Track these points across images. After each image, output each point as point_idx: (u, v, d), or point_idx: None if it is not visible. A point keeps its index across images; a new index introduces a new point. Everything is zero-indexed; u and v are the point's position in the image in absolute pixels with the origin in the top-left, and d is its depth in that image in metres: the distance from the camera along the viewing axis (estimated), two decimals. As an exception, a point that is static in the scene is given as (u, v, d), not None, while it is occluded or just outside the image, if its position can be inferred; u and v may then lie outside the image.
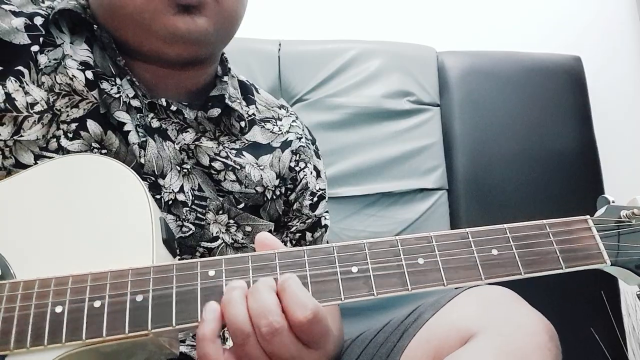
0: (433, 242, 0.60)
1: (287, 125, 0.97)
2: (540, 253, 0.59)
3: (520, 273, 0.58)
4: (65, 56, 0.76)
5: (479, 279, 0.58)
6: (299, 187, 0.95)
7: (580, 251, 0.60)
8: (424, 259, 0.58)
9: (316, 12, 1.77)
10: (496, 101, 1.59)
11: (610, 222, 0.62)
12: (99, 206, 0.64)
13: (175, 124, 0.82)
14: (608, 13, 1.92)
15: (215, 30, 0.78)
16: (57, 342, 0.54)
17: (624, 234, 0.61)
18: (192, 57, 0.81)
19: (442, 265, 0.58)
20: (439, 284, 0.57)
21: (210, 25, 0.77)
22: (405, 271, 0.58)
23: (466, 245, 0.60)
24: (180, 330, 0.55)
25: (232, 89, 0.90)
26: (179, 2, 0.74)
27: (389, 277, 0.58)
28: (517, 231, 0.61)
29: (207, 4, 0.76)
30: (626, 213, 0.61)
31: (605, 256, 0.60)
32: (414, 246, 0.59)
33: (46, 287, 0.56)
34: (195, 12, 0.75)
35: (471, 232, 0.60)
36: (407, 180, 1.47)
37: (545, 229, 0.61)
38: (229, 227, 0.85)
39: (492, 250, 0.59)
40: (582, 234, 0.61)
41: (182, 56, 0.79)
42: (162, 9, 0.73)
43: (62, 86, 0.75)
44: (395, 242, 0.60)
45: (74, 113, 0.75)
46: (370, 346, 0.82)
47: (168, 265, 0.58)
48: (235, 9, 0.81)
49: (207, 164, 0.83)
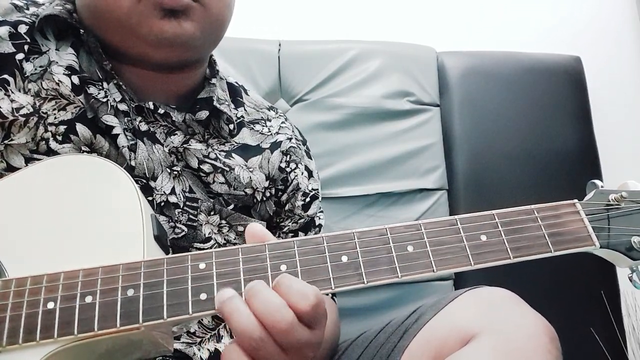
0: (422, 229, 0.60)
1: (277, 127, 0.97)
2: (529, 238, 0.60)
3: (509, 257, 0.58)
4: (51, 62, 0.76)
5: (468, 264, 0.58)
6: (290, 187, 0.95)
7: (569, 234, 0.60)
8: (413, 247, 0.59)
9: (316, 12, 1.77)
10: (496, 101, 1.58)
11: (598, 205, 0.62)
12: (89, 204, 0.64)
13: (164, 127, 0.82)
14: (608, 13, 1.91)
15: (201, 34, 0.79)
16: (49, 338, 0.54)
17: (613, 217, 0.61)
18: (178, 61, 0.81)
19: (431, 252, 0.58)
20: (428, 270, 0.57)
21: (197, 29, 0.77)
22: (394, 259, 0.58)
23: (455, 232, 0.60)
24: (171, 323, 0.56)
25: (221, 91, 0.91)
26: (165, 7, 0.74)
27: (378, 265, 0.58)
28: (505, 216, 0.61)
29: (194, 8, 0.76)
30: (615, 196, 0.61)
31: (594, 239, 0.60)
32: (403, 234, 0.59)
33: (38, 283, 0.57)
34: (181, 16, 0.76)
35: (460, 218, 0.60)
36: (407, 181, 1.46)
37: (533, 214, 0.61)
38: (221, 227, 0.85)
39: (481, 236, 0.59)
40: (571, 218, 0.61)
41: (168, 60, 0.80)
42: (148, 13, 0.74)
43: (48, 91, 0.75)
44: (384, 230, 0.60)
45: (61, 115, 0.75)
46: (370, 346, 0.82)
47: (159, 260, 0.58)
48: (222, 13, 0.82)
49: (196, 166, 0.83)
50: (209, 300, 0.56)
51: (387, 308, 1.34)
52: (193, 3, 0.76)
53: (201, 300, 0.56)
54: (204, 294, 0.56)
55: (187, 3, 0.75)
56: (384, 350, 0.78)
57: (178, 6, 0.75)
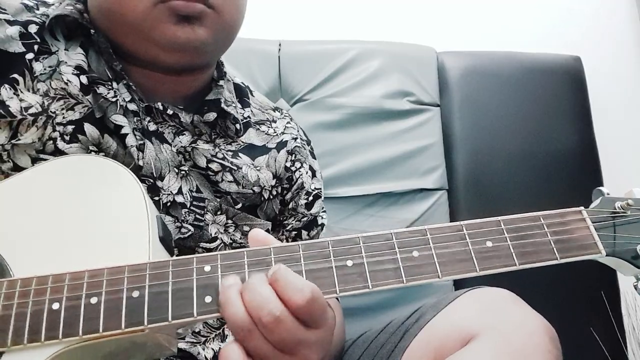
0: (428, 235, 0.60)
1: (282, 127, 0.98)
2: (535, 244, 0.60)
3: (515, 264, 0.58)
4: (60, 63, 0.76)
5: (474, 270, 0.58)
6: (295, 186, 0.96)
7: (575, 242, 0.60)
8: (418, 252, 0.59)
9: (316, 12, 1.77)
10: (496, 101, 1.58)
11: (605, 213, 0.62)
12: (95, 205, 0.64)
13: (172, 127, 0.82)
14: (608, 13, 1.91)
15: (214, 39, 0.78)
16: (54, 338, 0.54)
17: (619, 224, 0.61)
18: (189, 65, 0.81)
19: (436, 258, 0.58)
20: (433, 276, 0.57)
21: (210, 35, 0.77)
22: (400, 264, 0.58)
23: (460, 238, 0.60)
24: (176, 325, 0.55)
25: (228, 92, 0.91)
26: (179, 13, 0.74)
27: (384, 270, 0.58)
28: (511, 223, 0.61)
29: (207, 14, 0.76)
30: (621, 204, 0.61)
31: (600, 246, 0.60)
32: (409, 239, 0.59)
33: (43, 284, 0.56)
34: (195, 22, 0.75)
35: (465, 224, 0.60)
36: (407, 181, 1.47)
37: (539, 221, 0.61)
38: (227, 227, 0.86)
39: (487, 243, 0.59)
40: (577, 225, 0.61)
41: (179, 63, 0.79)
42: (162, 18, 0.74)
43: (57, 91, 0.75)
44: (390, 235, 0.60)
45: (69, 115, 0.75)
46: (371, 347, 0.82)
47: (164, 262, 0.58)
48: (235, 19, 0.82)
49: (204, 165, 0.83)
50: (214, 303, 0.56)
51: (387, 308, 1.34)
52: (207, 9, 0.75)
53: (206, 302, 0.56)
54: (209, 296, 0.56)
55: (202, 9, 0.75)
56: (385, 350, 0.78)
57: (192, 12, 0.74)
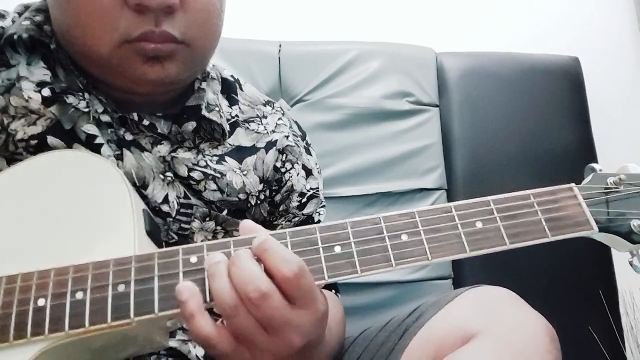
0: (416, 217, 0.59)
1: (273, 124, 0.94)
2: (526, 223, 0.58)
3: (505, 244, 0.57)
4: (21, 78, 0.73)
5: (464, 252, 0.57)
6: (284, 188, 0.92)
7: (567, 219, 0.59)
8: (407, 235, 0.58)
9: (316, 13, 1.77)
10: (495, 102, 1.58)
11: (596, 189, 0.60)
12: (79, 200, 0.63)
13: (149, 137, 0.79)
14: (606, 14, 1.91)
15: (186, 70, 0.76)
16: (40, 335, 0.53)
17: (612, 200, 0.59)
18: (165, 91, 0.79)
19: (426, 240, 0.57)
20: (423, 258, 0.56)
21: (181, 68, 0.74)
22: (388, 248, 0.57)
23: (450, 220, 0.59)
24: (162, 317, 0.55)
25: (212, 94, 0.86)
26: (147, 55, 0.71)
27: (372, 255, 0.57)
28: (501, 202, 0.60)
29: (178, 51, 0.73)
30: (613, 180, 0.60)
31: (592, 223, 0.58)
32: (397, 222, 0.59)
33: (28, 280, 0.56)
34: (165, 60, 0.72)
35: (455, 205, 0.59)
36: (407, 180, 1.46)
37: (530, 199, 0.60)
38: (216, 233, 0.83)
39: (477, 223, 0.58)
40: (568, 202, 0.60)
41: (154, 92, 0.77)
42: (130, 57, 0.71)
43: (17, 109, 0.72)
44: (378, 219, 0.59)
45: (31, 130, 0.72)
46: (371, 345, 0.82)
47: (150, 254, 0.57)
48: (209, 44, 0.79)
49: (185, 174, 0.80)
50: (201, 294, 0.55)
51: (387, 307, 1.34)
52: (177, 46, 0.72)
53: (193, 294, 0.55)
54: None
55: (171, 49, 0.72)
56: (385, 349, 0.77)
57: (161, 53, 0.71)
